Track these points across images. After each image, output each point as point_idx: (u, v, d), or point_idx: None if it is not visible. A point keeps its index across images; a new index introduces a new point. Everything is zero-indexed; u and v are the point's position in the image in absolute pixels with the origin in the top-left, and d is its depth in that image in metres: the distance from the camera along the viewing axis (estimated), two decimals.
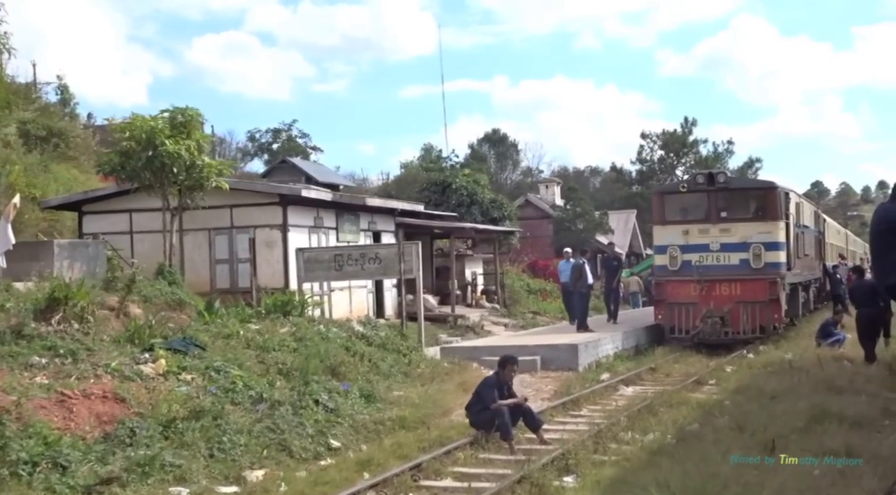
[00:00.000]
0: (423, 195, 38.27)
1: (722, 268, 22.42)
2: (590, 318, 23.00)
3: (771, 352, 21.00)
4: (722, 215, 22.66)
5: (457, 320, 26.66)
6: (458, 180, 37.44)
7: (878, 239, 9.44)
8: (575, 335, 20.48)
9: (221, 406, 9.99)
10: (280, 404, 10.67)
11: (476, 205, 36.87)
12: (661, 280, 23.08)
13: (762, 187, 22.70)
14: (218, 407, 9.88)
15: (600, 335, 20.27)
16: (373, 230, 25.41)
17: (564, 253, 23.95)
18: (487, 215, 36.97)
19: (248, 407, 10.55)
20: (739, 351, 21.57)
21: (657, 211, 23.45)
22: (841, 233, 45.27)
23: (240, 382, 10.87)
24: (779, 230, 22.33)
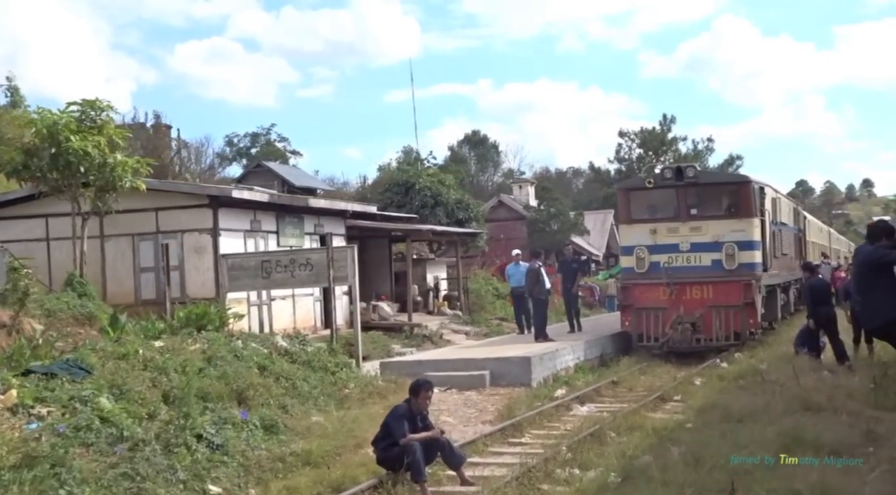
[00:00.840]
0: (385, 196, 36.62)
1: (693, 269, 20.80)
2: (551, 327, 21.30)
3: (745, 361, 19.41)
4: (692, 212, 21.03)
5: (413, 329, 24.95)
6: (422, 181, 35.75)
7: (862, 279, 9.81)
8: (531, 345, 18.79)
9: (65, 449, 8.21)
10: (146, 443, 8.89)
11: (441, 206, 35.24)
12: (627, 283, 21.42)
13: (734, 181, 21.04)
14: (60, 452, 8.10)
15: (559, 345, 18.59)
16: (320, 233, 23.67)
17: (514, 255, 22.18)
18: (453, 216, 35.36)
19: (105, 448, 8.77)
20: (712, 360, 19.91)
21: (622, 209, 21.79)
22: (823, 231, 43.80)
23: (96, 419, 9.07)
24: (753, 228, 20.71)
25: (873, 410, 12.23)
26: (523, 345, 19.10)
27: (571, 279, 21.08)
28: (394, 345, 23.47)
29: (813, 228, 36.72)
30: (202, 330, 15.06)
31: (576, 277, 21.29)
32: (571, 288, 21.10)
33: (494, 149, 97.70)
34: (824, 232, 43.98)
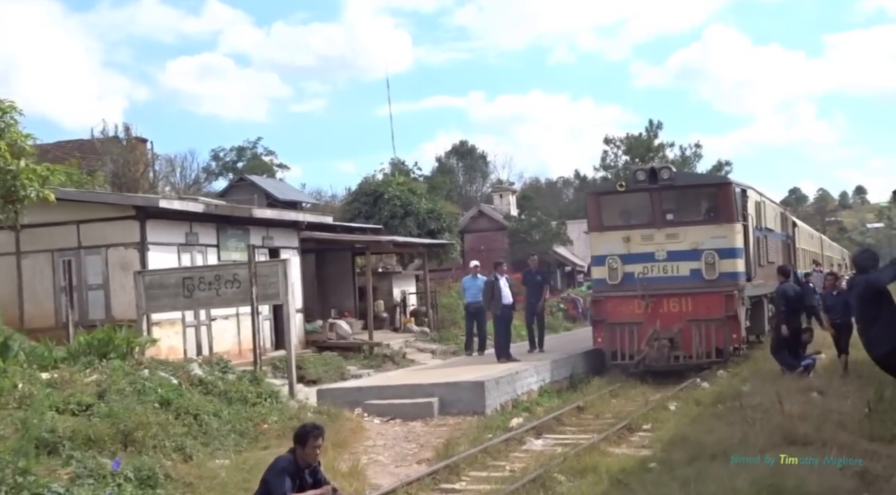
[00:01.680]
0: (353, 207, 34.92)
1: (670, 280, 19.10)
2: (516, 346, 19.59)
3: (727, 380, 17.70)
4: (668, 218, 19.35)
5: (373, 349, 23.18)
6: (391, 190, 34.01)
7: (867, 306, 9.83)
8: (492, 367, 17.03)
9: None
10: None
11: (411, 216, 33.50)
12: (599, 296, 19.71)
13: (714, 183, 19.35)
14: None
15: (521, 366, 16.83)
16: (269, 247, 21.91)
17: (472, 267, 20.37)
18: (424, 227, 33.63)
19: None
20: (692, 379, 18.21)
21: (593, 215, 20.08)
22: (815, 238, 42.17)
23: None
24: (735, 234, 19.01)
25: (868, 443, 10.55)
26: (483, 367, 17.34)
27: (537, 293, 19.30)
28: (349, 367, 21.72)
29: (803, 235, 35.07)
30: (105, 357, 13.28)
31: (541, 291, 19.52)
32: (536, 302, 19.30)
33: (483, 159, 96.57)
34: (815, 238, 42.36)
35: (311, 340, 23.32)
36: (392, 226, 33.06)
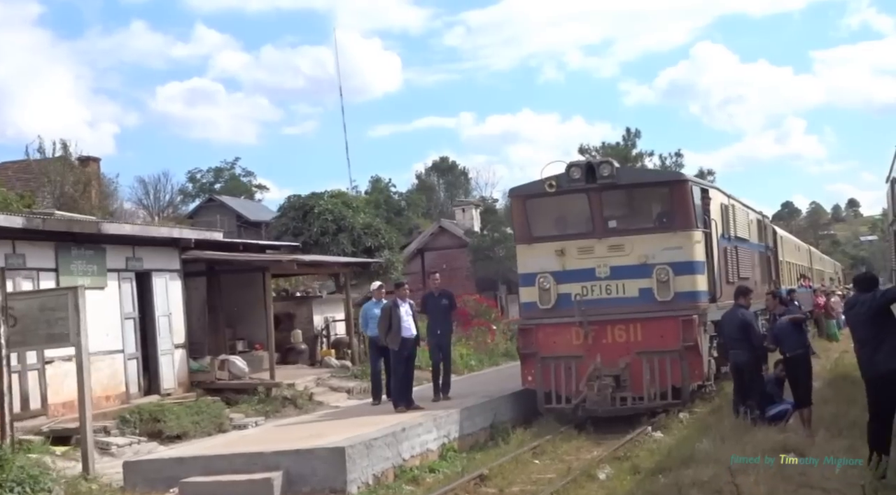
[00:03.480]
0: (280, 223, 31.27)
1: (614, 303, 15.46)
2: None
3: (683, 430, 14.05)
4: (610, 225, 15.71)
5: (270, 391, 19.40)
6: (322, 203, 30.35)
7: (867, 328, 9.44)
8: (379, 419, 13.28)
9: None
10: None
11: (344, 232, 29.87)
12: (528, 324, 16.01)
13: (665, 181, 15.64)
14: None
15: (411, 419, 13.07)
16: (136, 270, 18.16)
17: (374, 289, 16.55)
18: (359, 244, 30.00)
19: None
20: (643, 427, 14.54)
21: (518, 223, 16.42)
22: (802, 250, 38.58)
23: None
24: (693, 244, 15.37)
25: None
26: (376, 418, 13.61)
27: (442, 320, 15.49)
28: (234, 415, 17.97)
29: (788, 246, 31.49)
30: None
31: (448, 318, 15.73)
32: (441, 332, 15.50)
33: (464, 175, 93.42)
34: (803, 251, 38.77)
35: (198, 381, 19.55)
36: (323, 243, 29.52)
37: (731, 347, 12.94)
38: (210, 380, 19.54)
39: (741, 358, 12.70)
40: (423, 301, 15.87)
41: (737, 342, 12.76)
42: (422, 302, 15.92)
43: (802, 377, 12.32)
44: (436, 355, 15.43)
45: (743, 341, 12.64)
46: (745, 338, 12.61)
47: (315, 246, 29.51)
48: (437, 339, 15.56)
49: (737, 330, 12.71)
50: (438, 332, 15.55)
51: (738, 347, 12.73)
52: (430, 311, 15.51)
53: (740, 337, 12.65)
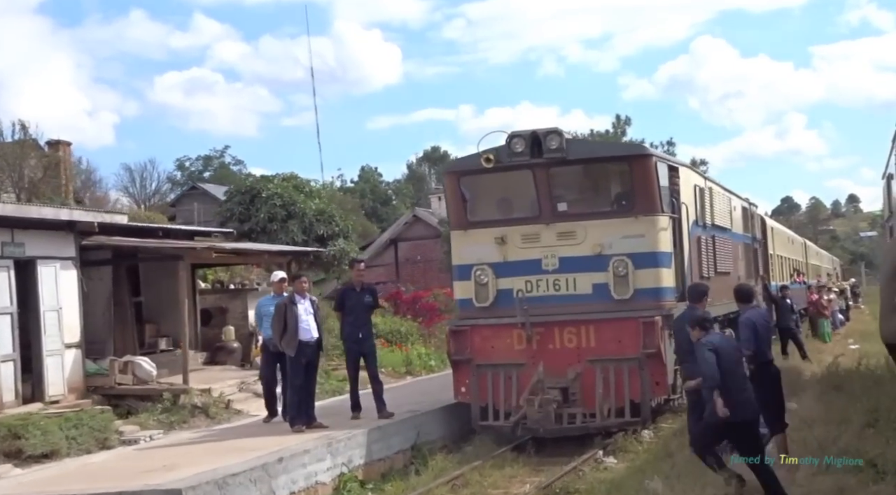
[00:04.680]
0: (225, 209, 28.79)
1: (563, 300, 13.06)
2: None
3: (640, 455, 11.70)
4: (560, 209, 13.28)
5: (178, 397, 16.91)
6: (271, 188, 27.86)
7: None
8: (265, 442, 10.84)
9: None
10: None
11: (294, 218, 27.38)
12: (462, 326, 13.56)
13: (624, 156, 13.08)
14: None
15: (303, 443, 10.62)
16: (15, 257, 15.64)
17: (275, 280, 13.93)
18: (311, 232, 27.54)
19: None
20: (592, 452, 12.14)
21: (453, 205, 13.95)
22: (797, 244, 36.14)
23: None
24: (657, 231, 12.93)
25: None
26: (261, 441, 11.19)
27: (364, 321, 13.04)
28: (129, 427, 15.45)
29: (779, 239, 29.06)
30: None
31: (368, 315, 13.28)
32: (364, 336, 13.03)
33: None
34: (797, 244, 36.32)
35: (95, 387, 17.06)
36: (270, 230, 27.09)
37: (685, 360, 10.48)
38: (109, 385, 17.04)
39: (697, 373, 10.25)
40: (341, 296, 13.34)
41: (691, 354, 10.32)
42: (339, 297, 13.43)
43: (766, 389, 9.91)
44: (354, 361, 12.92)
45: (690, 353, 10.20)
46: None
47: (262, 233, 27.09)
48: (360, 345, 13.06)
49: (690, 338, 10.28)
50: (360, 336, 13.05)
51: (694, 360, 10.30)
52: (350, 310, 12.93)
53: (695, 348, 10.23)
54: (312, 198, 28.60)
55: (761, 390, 9.97)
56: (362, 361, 13.12)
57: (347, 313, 13.05)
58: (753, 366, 9.89)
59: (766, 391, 9.94)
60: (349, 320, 13.01)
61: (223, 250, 18.31)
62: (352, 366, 13.11)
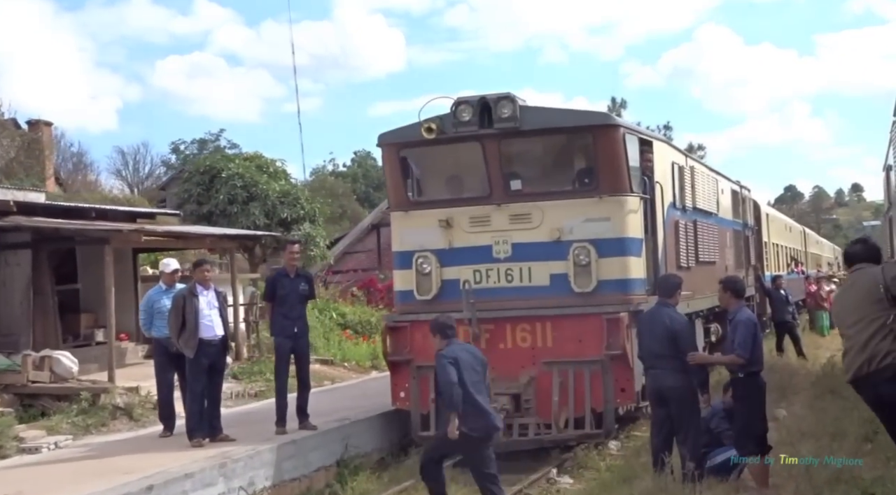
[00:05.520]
0: (183, 190, 26.96)
1: (516, 293, 11.34)
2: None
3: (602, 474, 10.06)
4: (513, 187, 11.52)
5: (98, 397, 15.18)
6: (232, 167, 26.02)
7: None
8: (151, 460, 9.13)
9: None
10: None
11: (256, 200, 25.54)
12: (401, 322, 11.82)
13: (587, 126, 11.28)
14: None
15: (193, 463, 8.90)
16: None
17: (166, 270, 11.94)
18: (275, 215, 25.72)
19: None
20: (545, 471, 10.46)
21: (392, 183, 12.17)
22: (794, 231, 34.35)
23: None
24: (624, 213, 11.19)
25: None
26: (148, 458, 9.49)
27: (296, 310, 11.16)
28: (35, 432, 13.73)
29: (775, 226, 27.31)
30: None
31: (304, 306, 11.46)
32: (299, 331, 11.19)
33: None
34: (796, 232, 34.54)
35: (6, 384, 15.34)
36: (230, 213, 25.27)
37: (652, 366, 8.77)
38: (21, 383, 15.31)
39: (666, 381, 8.56)
40: (272, 283, 11.46)
41: (660, 359, 8.61)
42: (269, 284, 11.58)
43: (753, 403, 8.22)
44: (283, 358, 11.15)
45: (669, 358, 8.50)
46: (674, 353, 8.47)
47: (222, 216, 25.27)
48: (294, 341, 11.20)
49: (661, 340, 8.56)
50: (295, 331, 11.18)
51: (662, 366, 8.59)
52: (282, 300, 11.03)
53: (665, 351, 8.52)
54: (277, 178, 26.80)
55: (741, 404, 8.30)
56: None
57: (279, 303, 11.17)
58: (741, 374, 8.20)
59: (747, 406, 8.25)
60: (281, 312, 11.13)
61: (154, 233, 16.56)
62: (282, 366, 11.28)
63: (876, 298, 6.34)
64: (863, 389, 6.51)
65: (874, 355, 6.26)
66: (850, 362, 6.46)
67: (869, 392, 6.51)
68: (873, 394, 6.52)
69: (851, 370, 6.42)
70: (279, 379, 11.14)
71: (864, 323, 6.33)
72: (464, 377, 8.13)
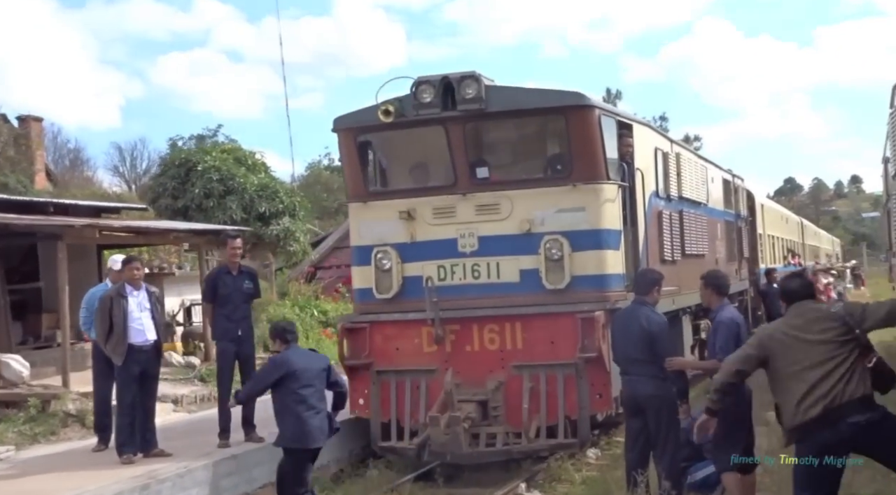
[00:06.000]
0: (158, 183, 25.97)
1: (484, 291, 10.39)
2: None
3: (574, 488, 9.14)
4: (480, 175, 10.55)
5: (48, 403, 14.24)
6: (208, 160, 25.02)
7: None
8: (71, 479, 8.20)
9: None
10: None
11: (234, 194, 24.53)
12: (359, 322, 10.87)
13: (558, 107, 10.26)
14: None
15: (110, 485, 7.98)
16: None
17: (113, 271, 10.93)
18: (252, 210, 24.73)
19: None
20: (513, 485, 9.53)
21: (349, 171, 11.18)
22: (791, 223, 33.37)
23: None
24: (600, 203, 10.22)
25: None
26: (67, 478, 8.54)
27: (240, 311, 10.19)
28: None
29: (771, 217, 26.35)
30: None
31: (248, 307, 10.34)
32: (243, 333, 10.21)
33: None
34: (793, 223, 33.57)
35: None
36: (206, 208, 24.29)
37: (627, 372, 7.83)
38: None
39: (643, 389, 7.62)
40: (212, 281, 10.50)
41: (636, 364, 7.68)
42: (209, 283, 10.62)
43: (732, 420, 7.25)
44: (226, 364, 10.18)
45: (646, 363, 7.57)
46: (650, 357, 7.54)
47: (198, 210, 24.31)
48: (239, 345, 10.24)
49: (636, 343, 7.63)
50: (239, 333, 10.24)
51: (638, 372, 7.66)
52: (224, 300, 10.08)
53: (642, 355, 7.58)
54: (257, 171, 25.81)
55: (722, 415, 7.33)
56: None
57: (221, 304, 10.22)
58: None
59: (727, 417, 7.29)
60: (223, 313, 10.17)
61: (111, 228, 15.58)
62: (225, 373, 10.32)
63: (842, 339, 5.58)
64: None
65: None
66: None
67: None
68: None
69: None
70: (222, 387, 10.17)
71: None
72: (289, 385, 7.94)
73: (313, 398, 7.99)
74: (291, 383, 7.90)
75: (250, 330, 10.56)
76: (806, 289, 6.02)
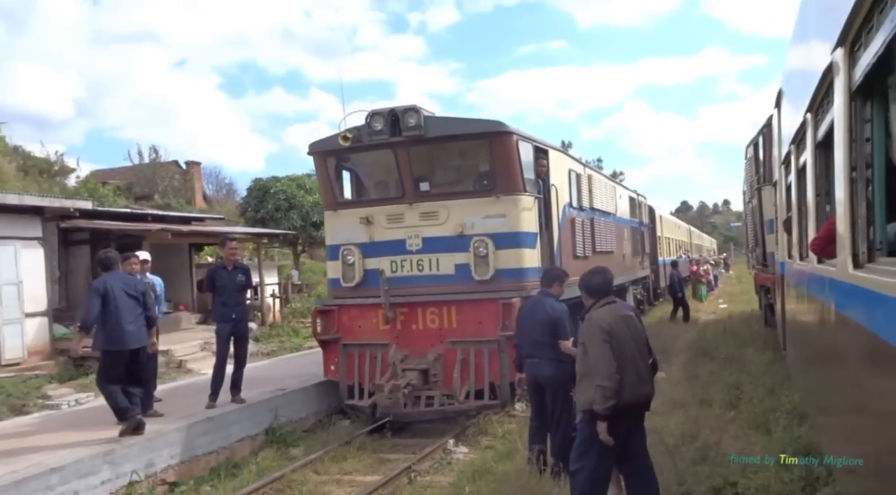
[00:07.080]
0: (245, 201, 24.06)
1: (427, 281, 8.12)
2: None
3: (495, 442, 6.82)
4: (422, 188, 8.27)
5: None
6: (278, 185, 23.06)
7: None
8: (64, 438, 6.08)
9: None
10: None
11: (295, 209, 22.60)
12: (330, 305, 8.64)
13: (483, 133, 8.08)
14: None
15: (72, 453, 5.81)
16: None
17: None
18: (308, 219, 22.75)
19: None
20: (443, 441, 7.23)
21: (323, 185, 8.97)
22: (682, 228, 30.70)
23: None
24: (519, 211, 7.93)
25: None
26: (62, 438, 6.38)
27: (234, 299, 8.06)
28: (63, 390, 10.76)
29: (667, 224, 23.83)
30: None
31: (242, 295, 8.31)
32: (238, 317, 8.06)
33: None
34: (683, 229, 30.90)
35: (62, 349, 12.39)
36: (276, 218, 22.45)
37: (531, 355, 5.54)
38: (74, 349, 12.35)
39: (543, 371, 5.35)
40: (211, 275, 8.37)
41: (539, 347, 5.40)
42: (208, 276, 8.46)
43: None
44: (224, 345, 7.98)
45: (547, 346, 5.30)
46: (552, 341, 5.25)
47: (271, 220, 22.51)
48: (234, 325, 8.11)
49: (541, 327, 5.35)
50: (234, 317, 8.07)
51: (540, 355, 5.38)
52: (221, 290, 7.96)
53: (544, 339, 5.31)
54: (312, 193, 23.74)
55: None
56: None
57: (218, 293, 8.09)
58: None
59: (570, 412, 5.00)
60: (221, 300, 8.04)
61: (180, 233, 13.51)
62: (222, 347, 8.15)
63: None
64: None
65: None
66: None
67: None
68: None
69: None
70: (219, 357, 8.01)
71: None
72: (116, 302, 6.57)
73: (132, 312, 6.54)
74: (108, 301, 6.43)
75: (243, 313, 8.37)
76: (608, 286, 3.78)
